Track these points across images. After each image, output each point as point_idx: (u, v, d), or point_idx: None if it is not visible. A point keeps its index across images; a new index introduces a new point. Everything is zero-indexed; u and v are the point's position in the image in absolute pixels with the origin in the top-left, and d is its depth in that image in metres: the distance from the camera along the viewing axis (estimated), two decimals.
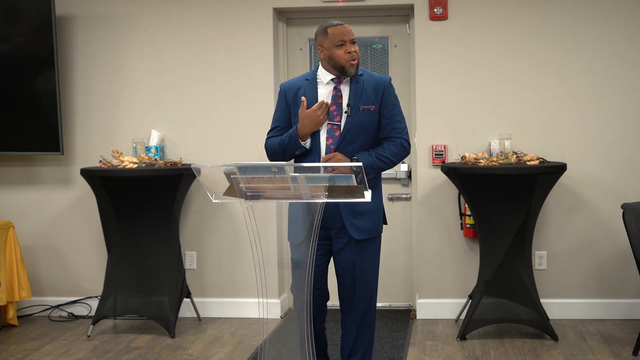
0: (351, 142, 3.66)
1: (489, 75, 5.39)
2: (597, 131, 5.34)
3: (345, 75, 3.70)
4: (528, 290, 4.90)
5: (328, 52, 3.69)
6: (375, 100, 3.71)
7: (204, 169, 3.37)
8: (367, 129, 3.70)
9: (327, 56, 3.70)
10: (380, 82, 3.74)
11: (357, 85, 3.71)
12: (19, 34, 5.50)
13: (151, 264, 5.20)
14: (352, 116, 3.67)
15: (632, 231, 4.52)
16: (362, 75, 3.74)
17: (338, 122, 3.67)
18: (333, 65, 3.69)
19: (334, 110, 3.69)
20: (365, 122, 3.69)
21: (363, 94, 3.69)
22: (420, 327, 5.27)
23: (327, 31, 3.69)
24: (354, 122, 3.67)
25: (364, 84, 3.71)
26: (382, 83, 3.74)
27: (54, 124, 5.45)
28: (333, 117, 3.67)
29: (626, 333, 5.00)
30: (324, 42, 3.70)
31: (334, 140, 3.66)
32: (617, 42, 5.31)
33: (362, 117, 3.68)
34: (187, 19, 5.57)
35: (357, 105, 3.67)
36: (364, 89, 3.70)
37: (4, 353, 4.84)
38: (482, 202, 4.95)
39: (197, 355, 4.76)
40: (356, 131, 3.67)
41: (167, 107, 5.61)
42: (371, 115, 3.70)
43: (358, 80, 3.72)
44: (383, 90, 3.72)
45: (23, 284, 5.38)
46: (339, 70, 3.69)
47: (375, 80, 3.75)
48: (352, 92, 3.70)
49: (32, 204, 5.72)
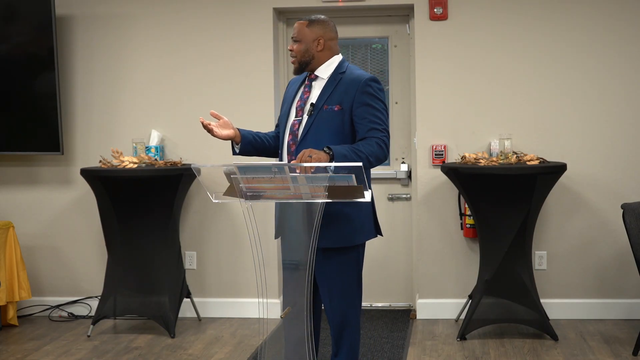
0: (312, 142, 3.50)
1: (489, 75, 5.39)
2: (597, 131, 5.34)
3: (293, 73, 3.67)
4: (528, 290, 4.90)
5: None
6: (345, 100, 3.52)
7: (204, 169, 3.36)
8: (330, 129, 3.52)
9: None
10: (355, 82, 3.52)
11: (332, 83, 3.56)
12: (19, 34, 5.50)
13: (151, 264, 5.20)
14: (313, 116, 3.53)
15: (632, 231, 4.52)
16: (344, 73, 3.58)
17: (299, 118, 3.56)
18: None
19: (299, 107, 3.59)
20: (327, 122, 3.52)
21: (333, 93, 3.53)
22: (420, 327, 5.27)
23: None
24: (315, 122, 3.52)
25: (339, 82, 3.56)
26: (357, 82, 3.51)
27: (54, 124, 5.45)
28: (297, 113, 3.58)
29: (626, 333, 5.00)
30: None
31: (294, 137, 3.56)
32: (617, 42, 5.31)
33: (324, 117, 3.52)
34: (187, 19, 5.57)
35: (321, 104, 3.53)
36: (337, 88, 3.54)
37: (4, 353, 4.84)
38: (482, 202, 4.95)
39: (197, 355, 4.76)
40: (316, 131, 3.52)
41: (167, 107, 5.61)
42: (335, 115, 3.52)
43: (335, 79, 3.57)
44: (356, 90, 3.52)
45: (23, 284, 5.38)
46: None
47: (352, 79, 3.55)
48: (323, 91, 3.56)
49: (32, 204, 5.72)
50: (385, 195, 5.70)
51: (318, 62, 3.59)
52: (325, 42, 3.58)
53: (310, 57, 3.58)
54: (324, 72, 3.60)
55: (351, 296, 3.62)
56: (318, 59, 3.59)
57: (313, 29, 3.58)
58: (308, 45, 3.57)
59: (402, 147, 5.72)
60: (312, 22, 3.60)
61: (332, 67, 3.60)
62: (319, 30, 3.58)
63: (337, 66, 3.60)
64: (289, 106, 3.65)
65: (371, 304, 5.74)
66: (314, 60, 3.59)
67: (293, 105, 3.63)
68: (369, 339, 5.01)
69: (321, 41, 3.57)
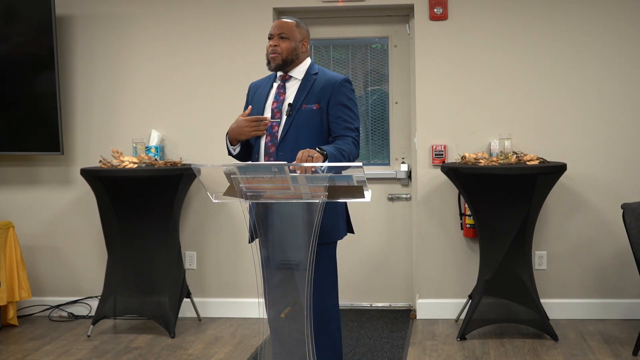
0: (292, 142, 3.54)
1: (488, 75, 5.39)
2: (597, 131, 5.34)
3: (270, 69, 3.66)
4: (528, 290, 4.90)
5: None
6: (322, 99, 3.59)
7: (204, 169, 3.36)
8: (310, 129, 3.57)
9: None
10: (331, 82, 3.60)
11: (307, 84, 3.62)
12: (19, 34, 5.51)
13: (151, 264, 5.20)
14: (291, 116, 3.56)
15: (632, 231, 4.52)
16: (317, 74, 3.64)
17: (277, 119, 3.58)
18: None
19: (275, 108, 3.61)
20: (306, 122, 3.57)
21: (310, 93, 3.59)
22: (420, 327, 5.27)
23: None
24: (294, 122, 3.56)
25: (314, 82, 3.61)
26: (333, 82, 3.60)
27: (54, 124, 5.45)
28: (273, 115, 3.60)
29: (626, 333, 5.00)
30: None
31: (272, 138, 3.57)
32: (617, 42, 5.31)
33: (303, 117, 3.57)
34: (187, 20, 5.57)
35: (299, 104, 3.58)
36: (313, 88, 3.60)
37: (4, 353, 4.84)
38: (482, 202, 4.95)
39: (197, 355, 4.76)
40: (296, 131, 3.56)
41: (167, 107, 5.61)
42: (314, 114, 3.57)
43: (309, 80, 3.63)
44: (332, 90, 3.59)
45: (23, 284, 5.38)
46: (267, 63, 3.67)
47: (327, 79, 3.63)
48: (298, 91, 3.61)
49: (32, 204, 5.72)
50: (385, 195, 5.70)
51: (297, 63, 3.66)
52: (307, 44, 3.68)
53: (295, 56, 3.63)
54: (298, 72, 3.65)
55: (329, 293, 3.65)
56: (299, 60, 3.66)
57: (301, 30, 3.66)
58: (296, 45, 3.63)
59: (402, 147, 5.72)
60: (299, 23, 3.68)
61: (305, 68, 3.67)
62: (305, 33, 3.68)
63: (308, 67, 3.68)
64: (260, 109, 3.66)
65: (371, 304, 5.75)
66: (296, 60, 3.64)
67: (267, 107, 3.65)
68: (369, 339, 5.01)
69: (305, 43, 3.67)
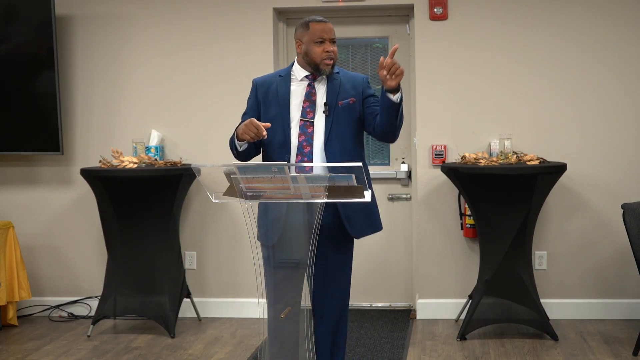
0: (336, 142, 3.55)
1: (488, 75, 5.39)
2: (597, 131, 5.34)
3: (319, 74, 3.60)
4: (528, 290, 4.90)
5: (306, 48, 3.58)
6: (356, 94, 3.62)
7: (204, 169, 3.36)
8: (350, 124, 3.60)
9: (304, 51, 3.59)
10: (358, 79, 3.67)
11: (334, 82, 3.61)
12: (19, 34, 5.50)
13: (151, 264, 5.20)
14: (330, 116, 3.56)
15: (632, 231, 4.52)
16: (339, 74, 3.64)
17: (311, 119, 3.56)
18: (308, 62, 3.59)
19: (307, 107, 3.58)
20: (346, 117, 3.59)
21: (341, 90, 3.59)
22: (420, 327, 5.27)
23: (308, 26, 3.58)
24: (335, 120, 3.56)
25: (341, 81, 3.61)
26: (361, 80, 3.66)
27: (54, 124, 5.45)
28: (306, 114, 3.56)
29: (626, 333, 5.00)
30: (304, 36, 3.59)
31: (306, 137, 3.54)
32: (617, 42, 5.31)
33: (342, 114, 3.58)
34: (187, 20, 5.57)
35: (335, 102, 3.57)
36: (342, 85, 3.60)
37: (4, 353, 4.84)
38: (482, 202, 4.95)
39: (197, 355, 4.76)
40: (338, 130, 3.56)
41: (167, 107, 5.61)
42: (352, 108, 3.60)
43: (335, 78, 3.62)
44: (362, 86, 3.65)
45: (23, 284, 5.38)
46: (313, 68, 3.59)
47: (353, 77, 3.68)
48: (329, 90, 3.59)
49: (32, 204, 5.72)
50: (385, 195, 5.70)
51: None
52: None
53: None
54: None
55: (348, 291, 3.69)
56: None
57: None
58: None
59: (402, 147, 5.72)
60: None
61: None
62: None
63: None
64: (285, 109, 3.60)
65: (371, 304, 5.75)
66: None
67: (293, 107, 3.60)
68: (369, 339, 5.01)
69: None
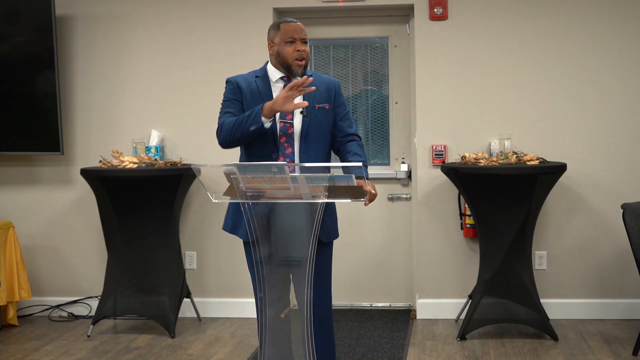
0: (311, 143, 3.56)
1: (489, 75, 5.39)
2: (597, 131, 5.34)
3: (291, 74, 3.58)
4: (528, 290, 4.90)
5: (277, 48, 3.57)
6: (329, 99, 3.63)
7: (204, 169, 3.36)
8: (324, 128, 3.61)
9: (275, 52, 3.58)
10: (332, 83, 3.67)
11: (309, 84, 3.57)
12: (19, 34, 5.50)
13: (151, 264, 5.20)
14: (308, 116, 3.56)
15: (632, 231, 4.52)
16: (312, 76, 3.57)
17: (290, 120, 3.55)
18: (280, 62, 3.58)
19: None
20: (321, 121, 3.60)
21: (317, 93, 3.57)
22: (420, 327, 5.27)
23: (279, 27, 3.58)
24: (312, 121, 3.57)
25: (315, 84, 3.55)
26: (334, 84, 3.67)
27: (54, 124, 5.45)
28: (285, 115, 3.56)
29: (626, 333, 5.00)
30: (275, 37, 3.59)
31: (288, 139, 3.55)
32: (617, 42, 5.31)
33: (318, 116, 3.59)
34: (187, 20, 5.57)
35: (313, 104, 3.57)
36: (317, 88, 3.56)
37: (4, 353, 4.84)
38: (482, 202, 4.95)
39: (197, 355, 4.76)
40: (314, 131, 3.58)
41: (167, 107, 5.61)
42: (327, 113, 3.61)
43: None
44: (335, 91, 3.66)
45: (23, 284, 5.38)
46: (285, 69, 3.58)
47: (327, 81, 3.68)
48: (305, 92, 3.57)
49: (32, 204, 5.72)
50: (385, 195, 5.70)
51: None
52: None
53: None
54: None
55: (330, 291, 3.70)
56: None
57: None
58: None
59: (402, 147, 5.72)
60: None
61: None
62: None
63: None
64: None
65: (371, 304, 5.75)
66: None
67: None
68: (369, 339, 5.01)
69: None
